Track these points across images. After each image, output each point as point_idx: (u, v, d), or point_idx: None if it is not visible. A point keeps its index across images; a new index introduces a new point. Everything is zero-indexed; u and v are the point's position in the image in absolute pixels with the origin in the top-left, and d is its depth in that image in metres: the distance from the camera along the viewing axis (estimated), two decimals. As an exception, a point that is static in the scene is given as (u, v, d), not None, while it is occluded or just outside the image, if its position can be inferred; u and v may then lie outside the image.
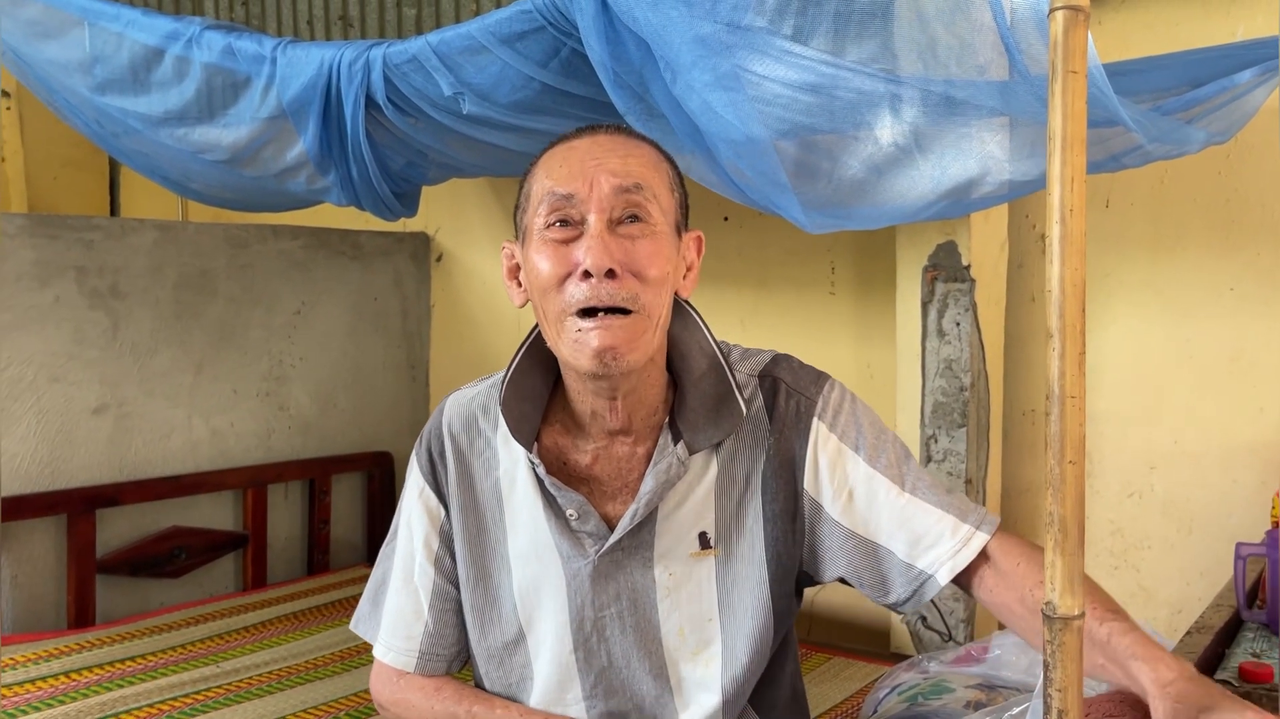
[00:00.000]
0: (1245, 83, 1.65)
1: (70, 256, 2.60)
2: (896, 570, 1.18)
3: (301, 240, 3.09)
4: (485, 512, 1.25)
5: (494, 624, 1.25)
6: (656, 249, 1.11)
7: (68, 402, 2.59)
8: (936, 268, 2.28)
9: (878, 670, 2.21)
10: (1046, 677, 0.76)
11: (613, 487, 1.21)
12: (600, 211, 1.10)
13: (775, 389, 1.23)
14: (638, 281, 1.10)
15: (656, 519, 1.19)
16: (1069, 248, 0.74)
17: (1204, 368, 2.22)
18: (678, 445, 1.18)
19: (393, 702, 1.31)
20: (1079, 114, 0.74)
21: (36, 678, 2.18)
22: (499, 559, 1.25)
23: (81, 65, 2.25)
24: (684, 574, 1.20)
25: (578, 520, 1.19)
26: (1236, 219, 2.17)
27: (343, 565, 3.15)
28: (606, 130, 1.17)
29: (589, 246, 1.09)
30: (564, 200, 1.11)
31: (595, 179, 1.11)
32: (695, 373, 1.20)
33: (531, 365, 1.22)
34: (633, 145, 1.16)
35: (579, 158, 1.13)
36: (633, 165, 1.13)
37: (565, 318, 1.11)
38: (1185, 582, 2.27)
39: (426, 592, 1.28)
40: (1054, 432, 0.74)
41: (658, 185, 1.14)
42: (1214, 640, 1.46)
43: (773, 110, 1.41)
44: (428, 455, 1.28)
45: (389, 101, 1.89)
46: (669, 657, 1.22)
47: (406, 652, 1.29)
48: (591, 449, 1.21)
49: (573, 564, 1.20)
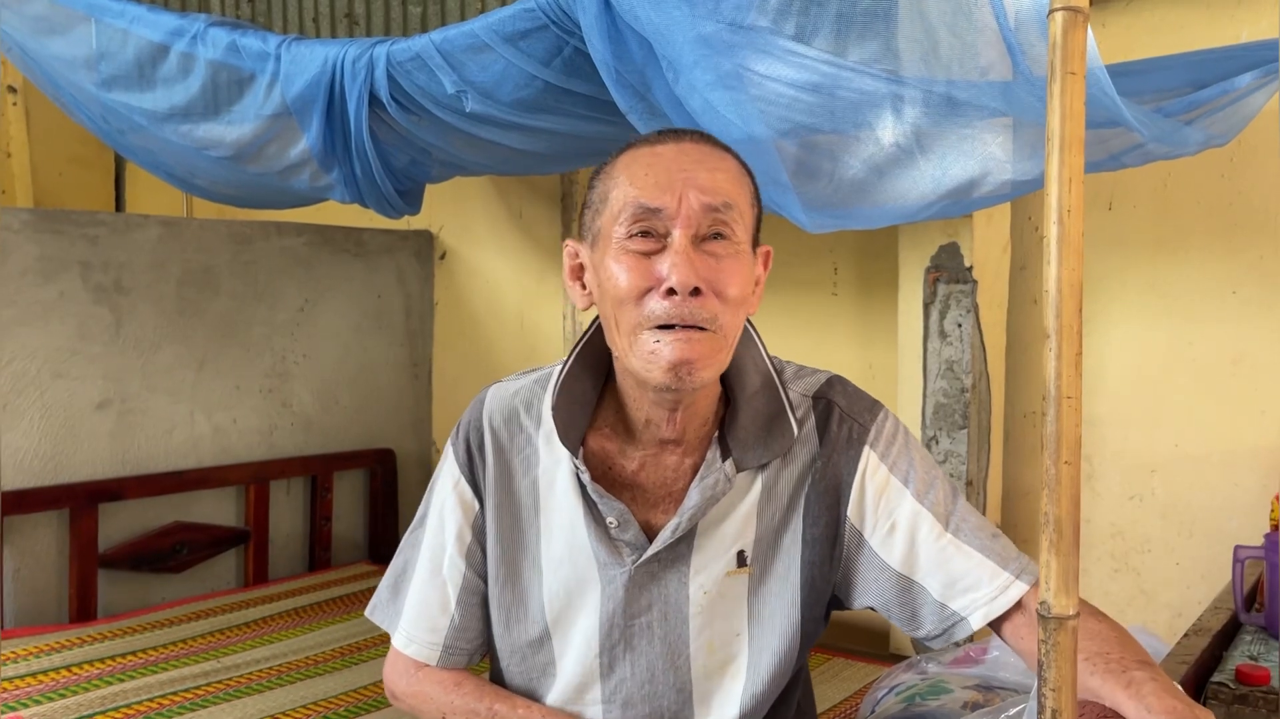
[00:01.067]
0: (1245, 86, 1.65)
1: (75, 252, 2.61)
2: (929, 608, 1.17)
3: (305, 237, 3.09)
4: (520, 509, 1.23)
5: (520, 622, 1.24)
6: (739, 268, 1.09)
7: (71, 397, 2.60)
8: (939, 269, 2.28)
9: (876, 671, 2.21)
10: (1041, 677, 0.76)
11: (655, 496, 1.20)
12: (687, 227, 1.07)
13: (829, 412, 1.21)
14: (719, 301, 1.08)
15: (696, 533, 1.18)
16: (1066, 248, 0.74)
17: (1206, 371, 2.21)
18: (726, 462, 1.16)
19: (409, 693, 1.29)
20: (1077, 115, 0.74)
21: (38, 671, 2.19)
22: (530, 558, 1.23)
23: (87, 61, 2.26)
24: (718, 591, 1.19)
25: (617, 529, 1.18)
26: (1239, 222, 2.17)
27: (344, 562, 3.16)
28: (691, 138, 1.14)
29: (675, 263, 1.06)
30: (650, 213, 1.08)
31: (684, 194, 1.07)
32: (749, 389, 1.18)
33: (582, 368, 1.20)
34: (719, 158, 1.13)
35: (666, 167, 1.09)
36: (721, 181, 1.10)
37: (641, 331, 1.08)
38: (1186, 585, 2.26)
39: (455, 585, 1.26)
40: (1050, 432, 0.74)
41: (743, 203, 1.12)
42: (1212, 643, 1.46)
43: (774, 110, 1.41)
44: (465, 446, 1.25)
45: (392, 99, 1.89)
46: (694, 672, 1.21)
47: (429, 644, 1.26)
48: (639, 457, 1.19)
49: (609, 571, 1.19)
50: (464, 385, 3.36)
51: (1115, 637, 1.06)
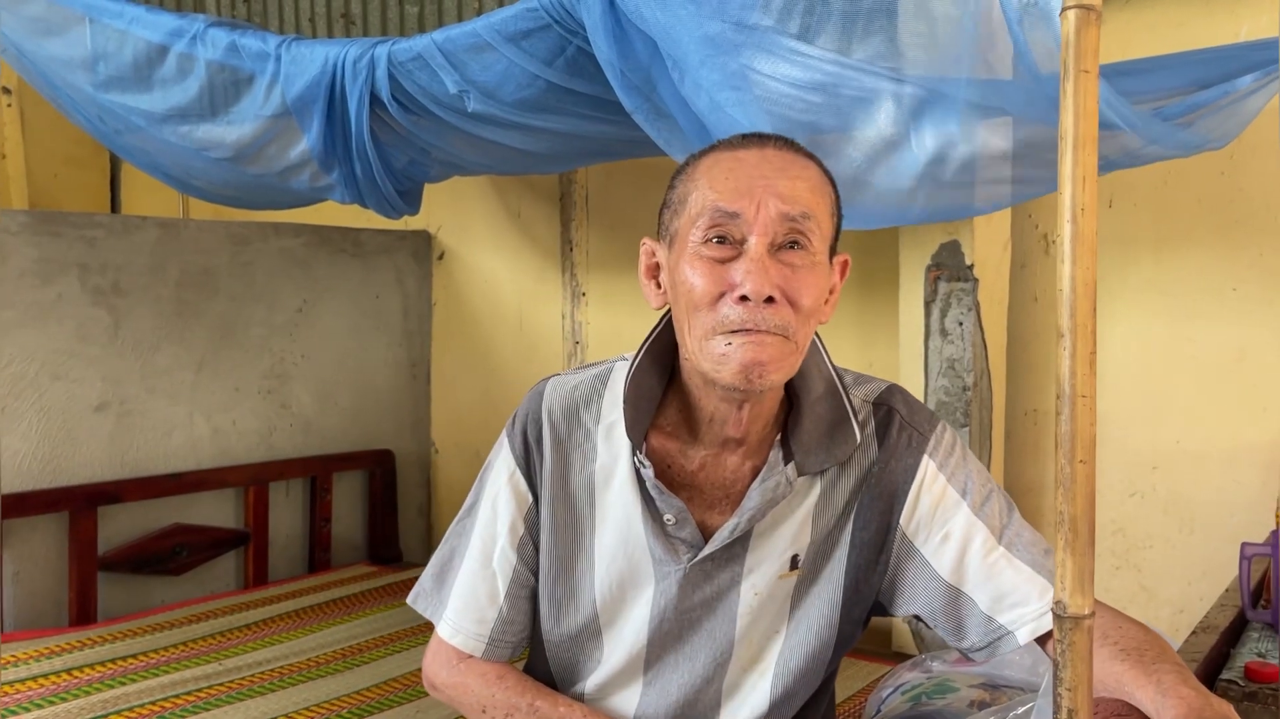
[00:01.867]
0: (1246, 87, 1.64)
1: (73, 254, 2.60)
2: (975, 620, 1.17)
3: (303, 238, 3.08)
4: (576, 503, 1.22)
5: (571, 615, 1.24)
6: (814, 279, 1.09)
7: (69, 399, 2.59)
8: (939, 267, 2.28)
9: (880, 670, 2.21)
10: (1056, 676, 0.76)
11: (714, 496, 1.20)
12: (763, 235, 1.06)
13: (889, 419, 1.22)
14: (791, 310, 1.07)
15: (752, 535, 1.18)
16: (1080, 247, 0.73)
17: (1207, 368, 2.22)
18: (788, 466, 1.16)
19: (450, 684, 1.27)
20: (1091, 113, 0.73)
21: (38, 675, 2.18)
22: (584, 553, 1.23)
23: (84, 62, 2.25)
24: (769, 593, 1.19)
25: (674, 526, 1.18)
26: (1240, 219, 2.17)
27: (344, 563, 3.15)
28: (775, 144, 1.13)
29: (749, 270, 1.05)
30: (728, 218, 1.07)
31: (763, 201, 1.07)
32: (813, 394, 1.18)
33: (651, 364, 1.20)
34: (801, 166, 1.12)
35: (747, 173, 1.09)
36: (801, 190, 1.09)
37: (714, 336, 1.08)
38: (1187, 581, 2.27)
39: (505, 578, 1.25)
40: (1064, 431, 0.74)
41: (822, 213, 1.11)
42: (1219, 640, 1.46)
43: (779, 109, 1.41)
44: (522, 438, 1.24)
45: (393, 99, 1.89)
46: (732, 666, 1.22)
47: (476, 635, 1.25)
48: (700, 456, 1.19)
49: (664, 568, 1.19)
50: (462, 386, 3.36)
51: (1147, 638, 1.07)
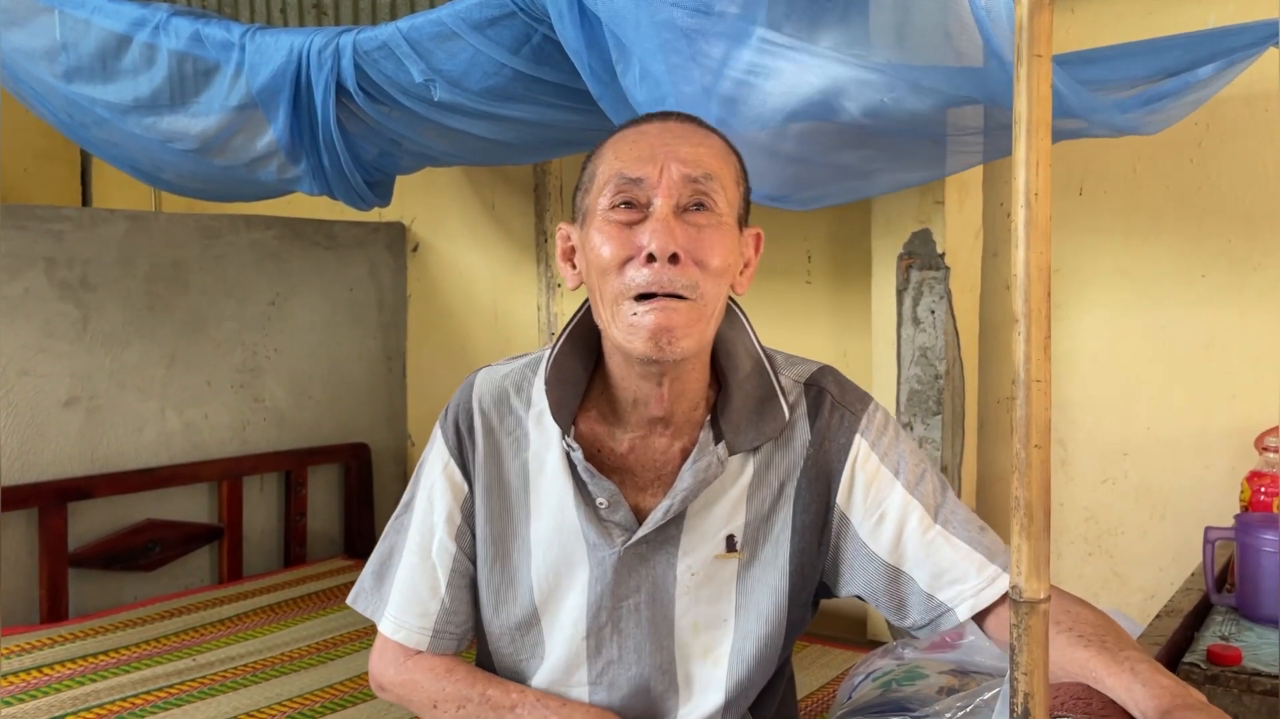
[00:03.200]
0: (1206, 78, 1.65)
1: (39, 248, 2.57)
2: (916, 598, 1.18)
3: (275, 230, 3.06)
4: (510, 491, 1.23)
5: (509, 604, 1.24)
6: (720, 239, 1.11)
7: (38, 394, 2.56)
8: (911, 255, 2.29)
9: (853, 658, 2.22)
10: (1013, 661, 0.76)
11: (646, 478, 1.20)
12: (667, 197, 1.09)
13: (820, 400, 1.22)
14: (699, 269, 1.09)
15: (686, 516, 1.18)
16: (1034, 232, 0.73)
17: (1177, 355, 2.23)
18: (718, 445, 1.17)
19: (398, 683, 1.26)
20: (1044, 98, 0.73)
21: (9, 673, 2.16)
22: (520, 540, 1.23)
23: (48, 53, 2.22)
24: (706, 574, 1.19)
25: (607, 509, 1.18)
26: (1209, 207, 2.18)
27: (319, 557, 3.13)
28: (678, 118, 1.17)
29: (654, 230, 1.08)
30: (632, 183, 1.10)
31: (666, 165, 1.10)
32: (740, 373, 1.19)
33: (573, 349, 1.20)
34: (704, 135, 1.16)
35: (649, 142, 1.12)
36: (703, 154, 1.12)
37: (623, 301, 1.10)
38: (1158, 567, 2.29)
39: (445, 568, 1.24)
40: (1020, 416, 0.74)
41: (726, 177, 1.13)
42: (1183, 624, 1.47)
43: (746, 96, 1.40)
44: (454, 429, 1.25)
45: (360, 89, 1.87)
46: (679, 653, 1.21)
47: (420, 629, 1.25)
48: (628, 439, 1.20)
49: (598, 552, 1.19)
50: (438, 378, 3.34)
51: (1105, 623, 1.08)
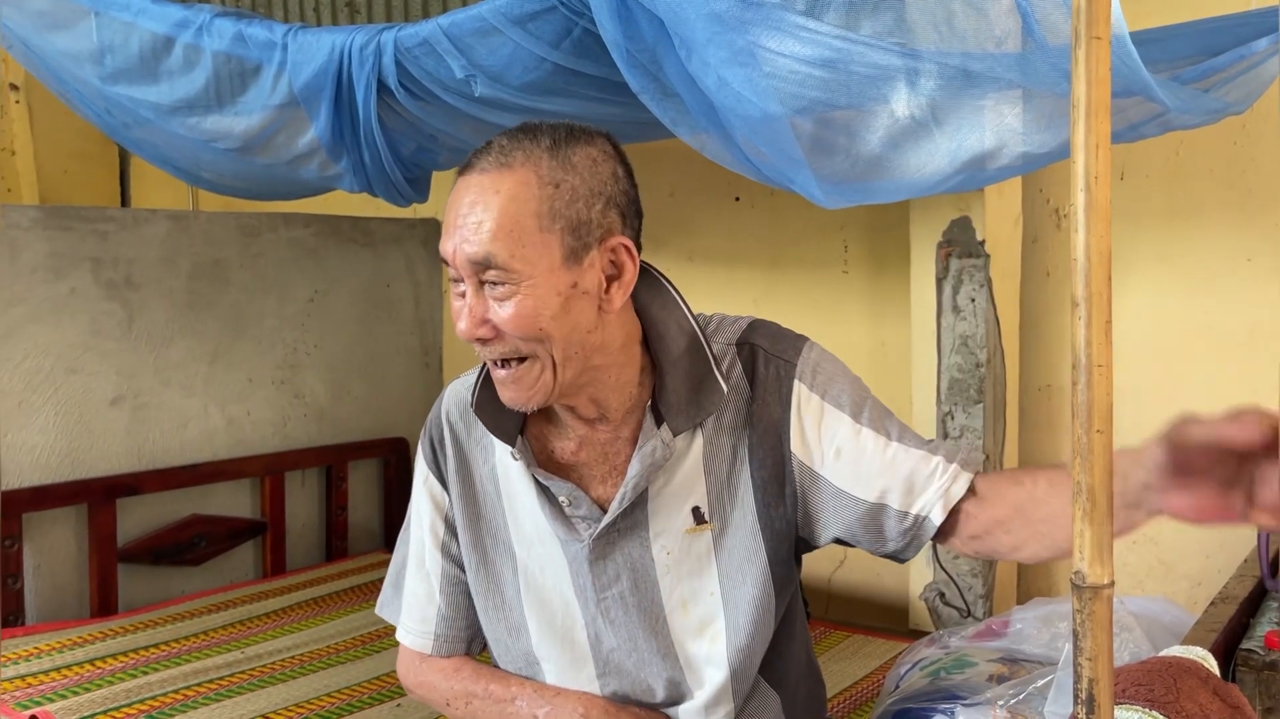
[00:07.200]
0: (1261, 51, 1.63)
1: (85, 248, 2.61)
2: (893, 520, 1.18)
3: (313, 228, 3.09)
4: (484, 498, 1.28)
5: (499, 609, 1.28)
6: (519, 310, 1.08)
7: (85, 392, 2.61)
8: (951, 244, 2.27)
9: (896, 647, 2.22)
10: (1076, 646, 0.75)
11: (600, 471, 1.22)
12: (469, 278, 1.10)
13: (754, 356, 1.23)
14: (517, 336, 1.10)
15: (648, 498, 1.20)
16: (1094, 215, 0.73)
17: (1222, 339, 2.20)
18: (661, 428, 1.18)
19: (417, 684, 1.35)
20: (1103, 80, 0.73)
21: (61, 666, 2.20)
22: (500, 544, 1.27)
23: (91, 56, 2.24)
24: (682, 550, 1.21)
25: (570, 506, 1.21)
26: (1253, 189, 2.16)
27: (360, 551, 3.16)
28: (480, 167, 1.10)
29: (461, 314, 1.11)
30: (446, 262, 1.12)
31: (458, 247, 1.09)
32: (674, 353, 1.19)
33: None
34: (489, 195, 1.08)
35: (451, 213, 1.11)
36: (485, 228, 1.07)
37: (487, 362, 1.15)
38: (1205, 554, 2.26)
39: (437, 576, 1.31)
40: (1081, 401, 0.74)
41: (516, 238, 1.07)
42: (1239, 611, 1.46)
43: (788, 86, 1.40)
44: (430, 443, 1.31)
45: (401, 86, 1.88)
46: (675, 635, 1.23)
47: (423, 634, 1.32)
48: (575, 437, 1.22)
49: (570, 548, 1.23)
50: (475, 372, 3.36)
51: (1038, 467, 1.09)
